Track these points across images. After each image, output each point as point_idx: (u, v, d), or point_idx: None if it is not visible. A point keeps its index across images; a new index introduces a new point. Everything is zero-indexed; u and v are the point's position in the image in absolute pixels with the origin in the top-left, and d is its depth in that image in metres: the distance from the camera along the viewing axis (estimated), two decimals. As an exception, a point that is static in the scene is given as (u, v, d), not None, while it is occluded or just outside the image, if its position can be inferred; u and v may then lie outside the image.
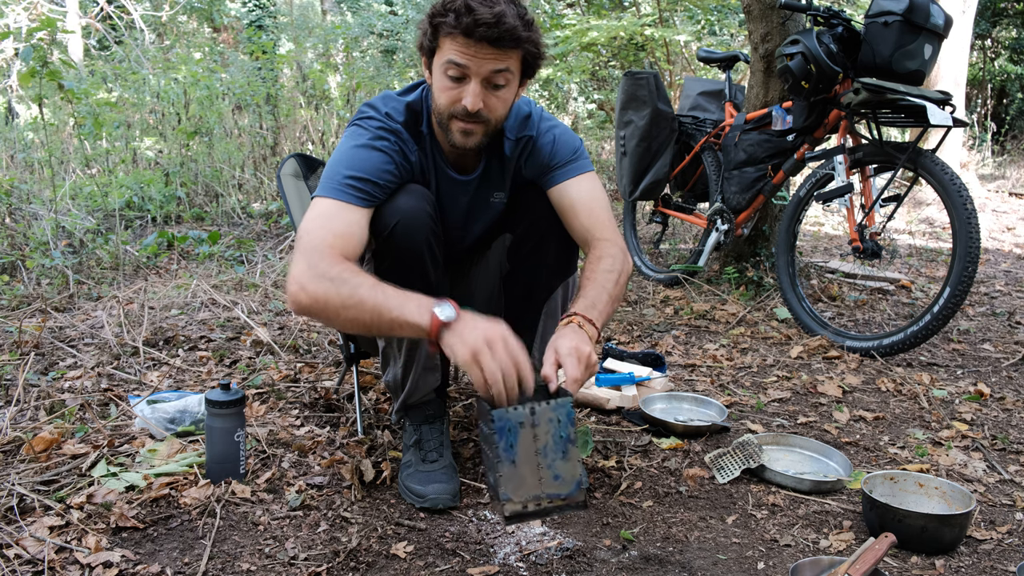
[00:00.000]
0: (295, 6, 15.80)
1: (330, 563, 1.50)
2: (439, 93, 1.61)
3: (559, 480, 1.37)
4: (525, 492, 1.36)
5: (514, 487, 1.35)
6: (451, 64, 1.55)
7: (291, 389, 2.36)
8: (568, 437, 1.37)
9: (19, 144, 6.01)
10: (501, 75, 1.58)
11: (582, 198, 1.76)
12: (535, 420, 1.35)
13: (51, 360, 2.58)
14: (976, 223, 2.60)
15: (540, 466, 1.36)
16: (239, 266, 3.85)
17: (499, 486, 1.34)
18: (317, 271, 1.45)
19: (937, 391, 2.52)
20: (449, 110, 1.60)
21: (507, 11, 1.52)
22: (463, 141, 1.63)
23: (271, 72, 6.92)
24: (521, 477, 1.35)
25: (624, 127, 3.79)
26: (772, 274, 3.61)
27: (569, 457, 1.37)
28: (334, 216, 1.56)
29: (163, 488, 1.71)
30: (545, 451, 1.36)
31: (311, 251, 1.48)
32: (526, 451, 1.34)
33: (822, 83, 2.95)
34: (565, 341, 1.48)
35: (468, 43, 1.52)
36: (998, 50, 12.37)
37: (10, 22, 8.11)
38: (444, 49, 1.56)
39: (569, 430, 1.37)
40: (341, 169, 1.59)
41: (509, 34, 1.53)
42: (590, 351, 1.48)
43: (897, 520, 1.58)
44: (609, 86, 9.99)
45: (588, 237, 1.74)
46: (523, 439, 1.34)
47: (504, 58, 1.56)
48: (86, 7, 10.09)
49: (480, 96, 1.57)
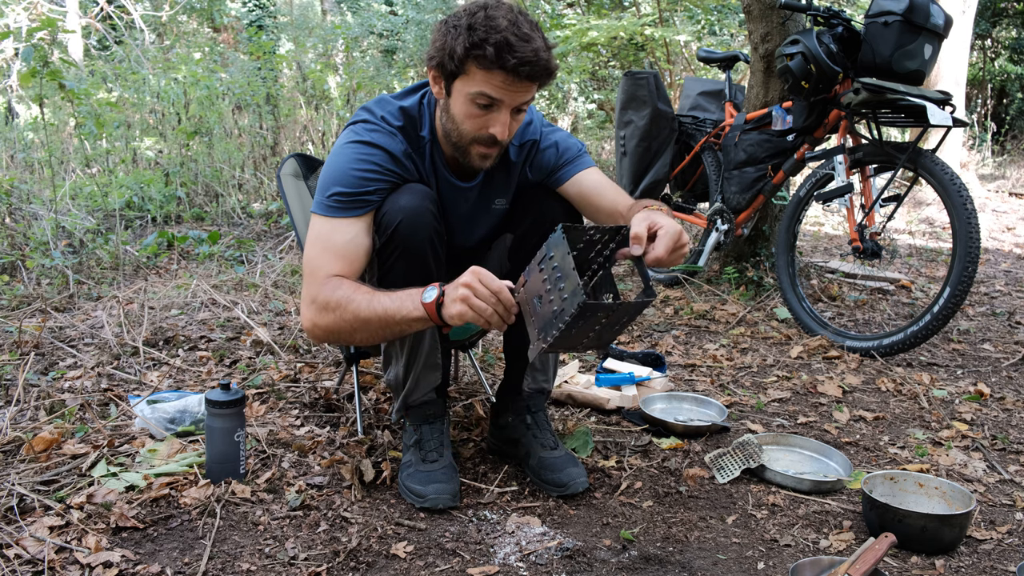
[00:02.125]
0: (295, 6, 15.81)
1: (330, 563, 1.50)
2: (464, 119, 1.60)
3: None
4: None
5: (562, 342, 1.42)
6: (484, 96, 1.55)
7: (291, 389, 2.36)
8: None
9: (19, 144, 6.01)
10: (527, 103, 1.61)
11: (601, 182, 1.82)
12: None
13: (51, 360, 2.58)
14: (976, 223, 2.60)
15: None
16: (239, 266, 3.85)
17: (548, 337, 1.40)
18: (319, 303, 1.55)
19: (937, 391, 2.53)
20: (473, 136, 1.61)
21: (540, 45, 1.53)
22: (480, 163, 1.66)
23: (271, 72, 6.91)
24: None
25: (624, 127, 3.79)
26: (772, 274, 3.61)
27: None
28: (331, 235, 1.62)
29: (163, 488, 1.71)
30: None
31: (313, 281, 1.58)
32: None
33: (822, 83, 2.95)
34: (663, 218, 1.51)
35: (507, 80, 1.53)
36: (998, 50, 12.37)
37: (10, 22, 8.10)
38: (475, 79, 1.55)
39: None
40: (331, 185, 1.63)
41: (545, 70, 1.54)
42: (686, 236, 1.50)
43: (897, 520, 1.58)
44: (609, 86, 10.00)
45: (619, 207, 1.76)
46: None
47: (533, 88, 1.58)
48: (86, 7, 10.08)
49: (508, 126, 1.59)
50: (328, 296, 1.55)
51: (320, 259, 1.60)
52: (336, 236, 1.62)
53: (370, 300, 1.51)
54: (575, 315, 1.34)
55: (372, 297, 1.52)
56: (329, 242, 1.61)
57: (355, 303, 1.52)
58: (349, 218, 1.62)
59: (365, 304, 1.51)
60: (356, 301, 1.52)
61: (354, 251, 1.62)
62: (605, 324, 1.42)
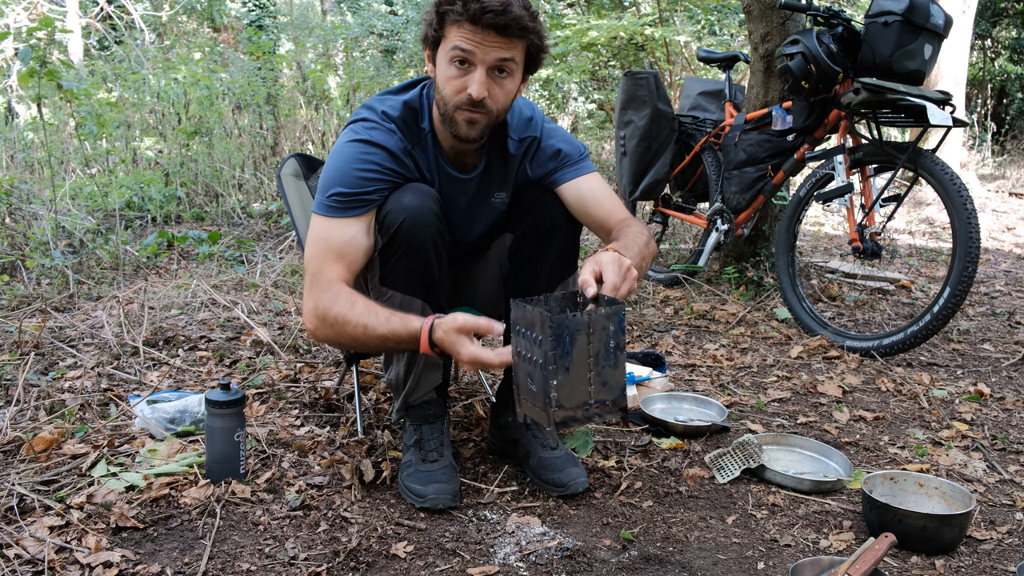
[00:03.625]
0: (295, 6, 15.80)
1: (330, 563, 1.50)
2: (444, 83, 1.62)
3: (606, 386, 1.39)
4: (576, 398, 1.37)
5: (567, 394, 1.36)
6: (457, 50, 1.57)
7: (291, 389, 2.36)
8: (619, 345, 1.39)
9: (19, 144, 6.01)
10: (506, 64, 1.60)
11: (600, 190, 1.82)
12: (591, 327, 1.35)
13: (51, 360, 2.58)
14: (976, 223, 2.60)
15: (591, 372, 1.37)
16: (239, 266, 3.85)
17: (552, 392, 1.34)
18: (319, 313, 1.60)
19: (937, 391, 2.53)
20: (454, 100, 1.61)
21: (514, 1, 1.55)
22: (467, 131, 1.64)
23: (271, 72, 6.91)
24: (573, 384, 1.36)
25: (624, 127, 3.79)
26: (772, 274, 3.61)
27: (618, 364, 1.39)
28: (331, 235, 1.64)
29: (163, 488, 1.71)
30: (597, 358, 1.37)
31: (315, 285, 1.62)
32: (580, 358, 1.35)
33: (822, 83, 2.95)
34: (605, 255, 1.52)
35: (475, 30, 1.55)
36: (998, 50, 12.36)
37: (10, 22, 8.10)
38: (450, 37, 1.58)
39: (620, 338, 1.39)
40: (332, 185, 1.64)
41: (516, 22, 1.55)
42: (631, 264, 1.52)
43: (897, 520, 1.58)
44: (609, 86, 10.00)
45: (611, 221, 1.79)
46: (579, 346, 1.35)
47: (509, 47, 1.58)
48: (86, 7, 10.08)
49: (485, 84, 1.59)
50: (327, 308, 1.59)
51: (321, 260, 1.62)
52: (336, 236, 1.63)
53: (366, 326, 1.56)
54: (552, 340, 1.32)
55: (367, 323, 1.56)
56: (329, 243, 1.63)
57: (353, 322, 1.56)
58: (349, 218, 1.63)
59: (362, 329, 1.56)
60: (354, 318, 1.56)
61: (353, 252, 1.64)
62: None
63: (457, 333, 1.49)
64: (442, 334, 1.51)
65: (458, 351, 1.49)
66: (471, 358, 1.49)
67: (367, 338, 1.57)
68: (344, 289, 1.60)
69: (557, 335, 1.33)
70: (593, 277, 1.47)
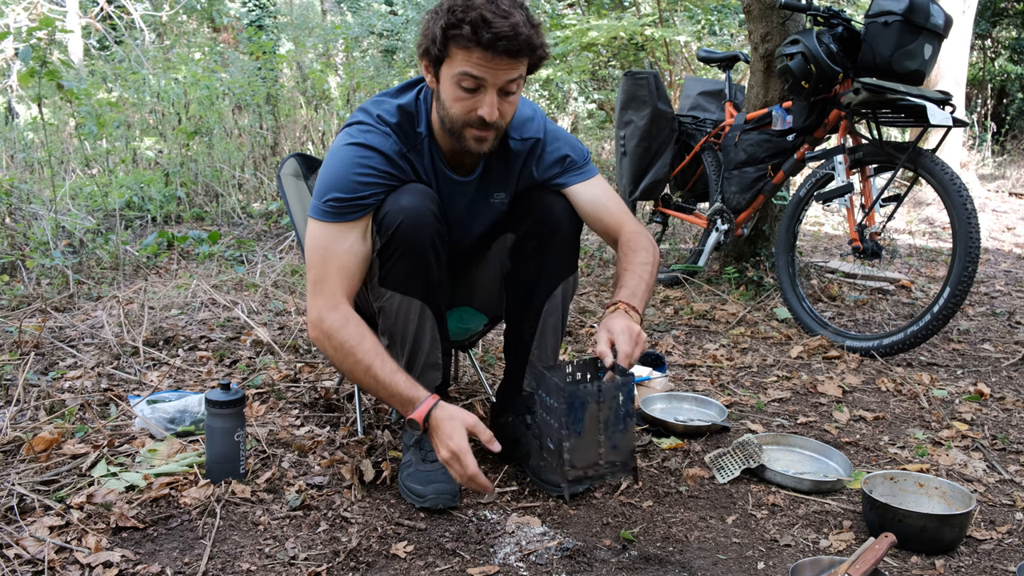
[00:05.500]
0: (295, 6, 15.80)
1: (330, 563, 1.50)
2: (452, 103, 1.60)
3: (616, 449, 1.50)
4: (587, 459, 1.49)
5: (579, 455, 1.48)
6: (467, 76, 1.55)
7: (291, 389, 2.36)
8: (628, 412, 1.50)
9: (19, 144, 6.01)
10: (514, 83, 1.59)
11: (606, 195, 1.83)
12: (601, 396, 1.47)
13: (51, 360, 2.58)
14: (976, 223, 2.60)
15: (602, 437, 1.49)
16: (239, 266, 3.85)
17: (564, 453, 1.47)
18: (324, 327, 1.59)
19: (937, 391, 2.53)
20: (463, 119, 1.60)
21: (520, 20, 1.52)
22: (477, 148, 1.64)
23: (271, 72, 6.91)
24: (585, 447, 1.48)
25: (624, 127, 3.79)
26: (772, 274, 3.61)
27: (627, 429, 1.51)
28: (330, 242, 1.63)
29: (163, 488, 1.71)
30: (607, 424, 1.49)
31: (319, 294, 1.61)
32: (591, 424, 1.48)
33: (822, 83, 2.95)
34: (617, 322, 1.57)
35: (486, 56, 1.51)
36: (998, 50, 12.37)
37: (10, 22, 8.11)
38: (457, 60, 1.55)
39: (629, 406, 1.50)
40: (328, 190, 1.63)
41: (526, 44, 1.53)
42: (640, 330, 1.58)
43: (897, 520, 1.58)
44: (609, 86, 10.00)
45: (618, 230, 1.81)
46: (589, 413, 1.47)
47: (518, 67, 1.57)
48: (86, 7, 10.09)
49: (496, 106, 1.58)
50: (334, 329, 1.58)
51: (322, 267, 1.62)
52: (335, 244, 1.63)
53: (367, 367, 1.56)
54: (566, 408, 1.44)
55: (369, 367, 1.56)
56: (329, 251, 1.63)
57: (354, 357, 1.56)
58: (346, 223, 1.63)
59: (363, 370, 1.56)
60: (358, 356, 1.56)
61: (353, 261, 1.64)
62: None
63: (461, 424, 1.50)
64: (445, 417, 1.50)
65: (450, 437, 1.48)
66: (457, 450, 1.48)
67: (366, 377, 1.56)
68: (352, 316, 1.59)
69: (570, 403, 1.45)
70: (607, 347, 1.53)
